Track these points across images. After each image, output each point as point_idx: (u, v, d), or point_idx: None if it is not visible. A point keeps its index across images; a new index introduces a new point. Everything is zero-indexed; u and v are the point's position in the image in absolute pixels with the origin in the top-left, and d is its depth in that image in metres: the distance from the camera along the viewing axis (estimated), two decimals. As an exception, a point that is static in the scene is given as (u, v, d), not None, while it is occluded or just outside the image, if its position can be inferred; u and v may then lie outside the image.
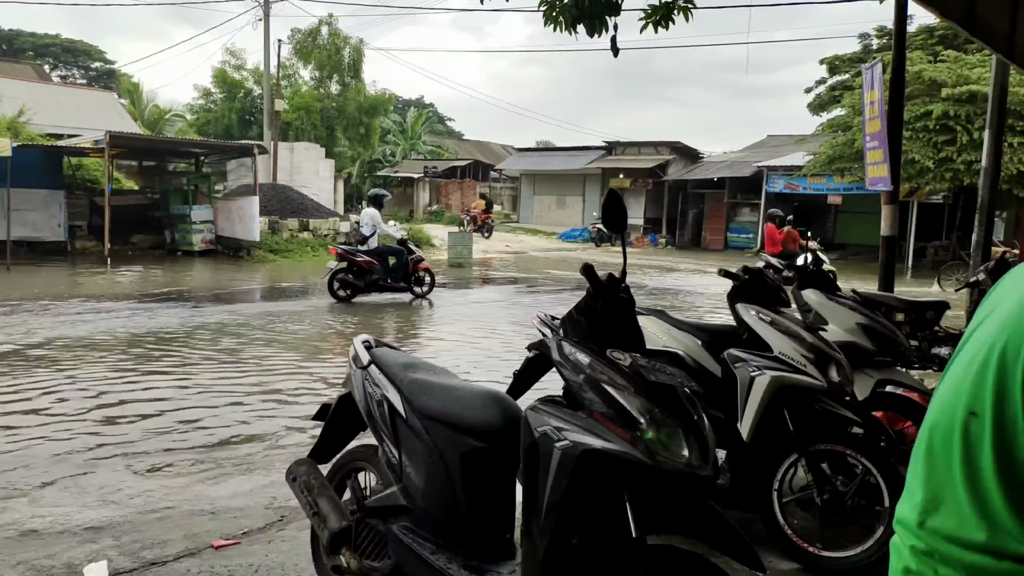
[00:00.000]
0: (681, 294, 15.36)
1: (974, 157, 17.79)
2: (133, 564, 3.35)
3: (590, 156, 35.00)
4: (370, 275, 11.99)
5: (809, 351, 3.33)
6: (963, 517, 0.90)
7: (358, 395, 2.79)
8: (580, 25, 5.17)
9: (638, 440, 1.89)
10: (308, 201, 23.51)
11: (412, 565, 2.46)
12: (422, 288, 12.80)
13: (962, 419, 0.92)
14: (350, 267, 12.03)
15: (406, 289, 12.49)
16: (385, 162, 41.91)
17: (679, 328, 3.83)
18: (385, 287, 12.25)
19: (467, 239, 20.67)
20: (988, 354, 0.91)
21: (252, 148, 20.16)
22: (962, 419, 0.92)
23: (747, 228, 29.43)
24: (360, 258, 12.01)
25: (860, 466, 3.29)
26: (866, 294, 5.13)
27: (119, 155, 21.06)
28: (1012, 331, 0.89)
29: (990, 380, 0.90)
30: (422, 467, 2.47)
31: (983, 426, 0.89)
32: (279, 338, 9.24)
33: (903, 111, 6.44)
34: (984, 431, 0.89)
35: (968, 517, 0.89)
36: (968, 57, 20.77)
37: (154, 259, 18.97)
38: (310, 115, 33.07)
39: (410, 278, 12.49)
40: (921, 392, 4.20)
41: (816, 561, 3.27)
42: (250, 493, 4.32)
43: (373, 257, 12.10)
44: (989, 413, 0.89)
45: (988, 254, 7.16)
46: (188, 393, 6.57)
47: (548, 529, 1.98)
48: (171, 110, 35.98)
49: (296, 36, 33.10)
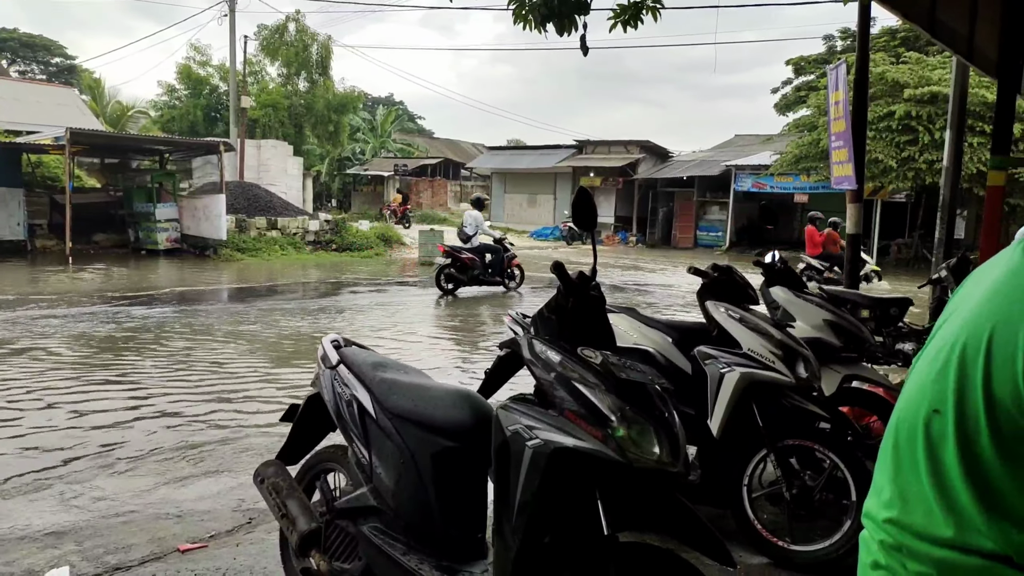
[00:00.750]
0: (651, 292, 15.47)
1: (935, 157, 18.18)
2: (96, 569, 3.27)
3: (561, 155, 35.09)
4: (472, 270, 13.38)
5: (777, 347, 3.36)
6: (930, 513, 0.91)
7: (327, 395, 2.76)
8: (550, 24, 5.16)
9: (609, 438, 1.89)
10: (276, 199, 23.22)
11: (382, 566, 2.43)
12: (513, 282, 14.25)
13: (925, 416, 0.93)
14: (454, 263, 13.39)
15: (500, 283, 13.93)
16: (355, 160, 41.59)
17: (650, 326, 3.85)
18: (484, 281, 13.63)
19: (438, 238, 20.57)
20: (949, 353, 0.92)
21: (218, 145, 19.86)
22: (925, 416, 0.93)
23: (716, 226, 29.75)
24: (464, 255, 13.40)
25: (828, 461, 3.34)
26: (832, 291, 5.21)
27: (80, 152, 20.60)
28: (972, 330, 0.90)
29: (951, 378, 0.91)
30: (392, 467, 2.45)
31: (946, 423, 0.90)
32: (245, 337, 9.11)
33: (867, 111, 6.54)
34: (947, 428, 0.90)
35: (935, 513, 0.90)
36: (929, 59, 21.22)
37: (117, 258, 18.59)
38: (277, 112, 32.65)
39: (504, 273, 13.94)
40: (886, 387, 4.28)
41: (786, 555, 3.31)
42: (217, 496, 4.25)
43: (475, 254, 13.48)
44: (951, 411, 0.90)
45: (950, 251, 7.30)
46: (152, 396, 6.45)
47: (520, 528, 1.97)
48: (134, 107, 35.20)
49: (263, 32, 32.63)
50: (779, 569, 3.29)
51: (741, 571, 3.22)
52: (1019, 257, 0.91)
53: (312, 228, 21.90)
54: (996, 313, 0.87)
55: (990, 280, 0.93)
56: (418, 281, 16.22)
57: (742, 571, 3.23)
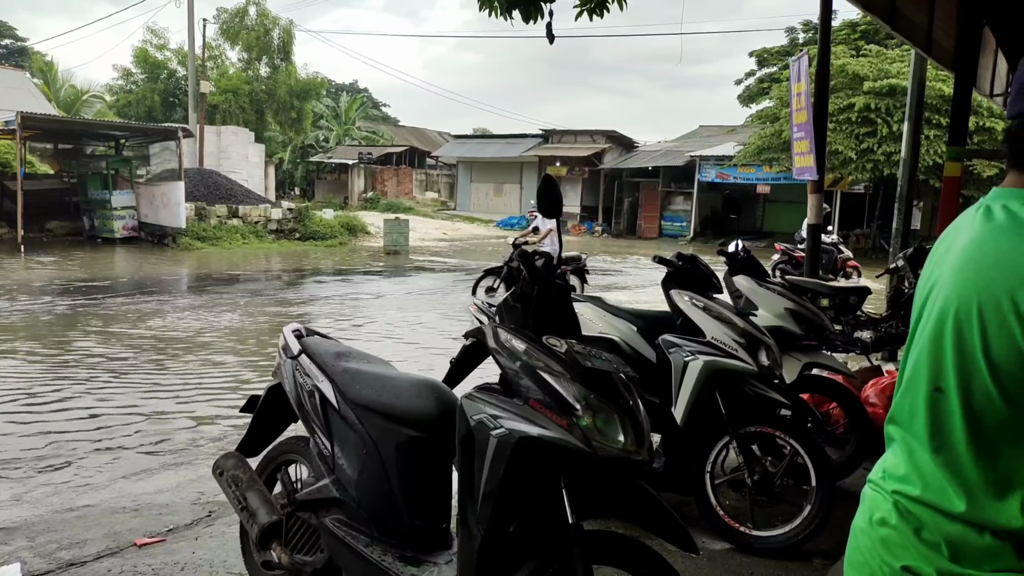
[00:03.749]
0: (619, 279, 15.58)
1: (894, 148, 18.56)
2: (49, 566, 3.18)
3: (527, 144, 35.03)
4: None
5: (740, 336, 3.39)
6: (943, 489, 0.90)
7: (288, 386, 2.71)
8: (516, 11, 5.11)
9: (574, 426, 1.88)
10: (237, 187, 22.79)
11: (345, 558, 2.40)
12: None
13: (926, 395, 0.93)
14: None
15: None
16: (318, 148, 41.00)
17: (615, 314, 3.86)
18: None
19: (403, 227, 20.44)
20: (941, 329, 0.91)
21: (176, 131, 19.43)
22: (926, 395, 0.93)
23: (680, 216, 30.02)
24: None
25: (788, 447, 3.38)
26: (793, 280, 5.28)
27: (32, 137, 19.98)
28: (958, 304, 0.89)
29: (949, 355, 0.90)
30: (355, 458, 2.41)
31: (951, 401, 0.90)
32: (204, 327, 8.94)
33: (828, 103, 6.62)
34: (952, 406, 0.89)
35: (948, 489, 0.90)
36: (889, 52, 21.62)
37: (72, 246, 18.11)
38: (238, 98, 32.01)
39: None
40: (845, 375, 4.35)
41: (747, 541, 3.35)
42: (176, 489, 4.16)
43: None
44: (954, 388, 0.89)
45: (907, 241, 7.46)
46: (107, 387, 6.30)
47: (484, 517, 1.96)
48: (89, 91, 34.21)
49: (222, 16, 31.91)
50: (741, 554, 3.33)
51: (704, 556, 3.25)
52: (980, 223, 0.91)
53: (275, 216, 21.56)
54: (975, 283, 0.87)
55: (959, 248, 0.93)
56: (384, 270, 16.09)
57: (704, 557, 3.26)
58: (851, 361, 6.08)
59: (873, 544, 0.98)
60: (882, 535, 0.97)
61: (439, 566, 2.26)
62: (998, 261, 0.86)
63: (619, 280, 15.70)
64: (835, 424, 4.52)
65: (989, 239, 0.88)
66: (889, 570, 0.95)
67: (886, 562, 0.95)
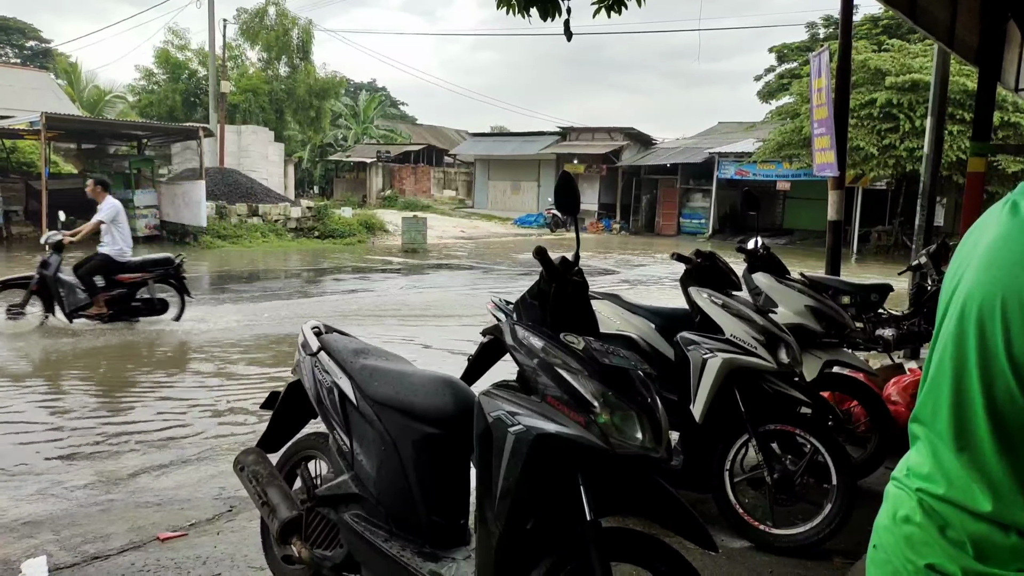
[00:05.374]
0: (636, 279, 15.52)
1: (916, 144, 18.32)
2: (74, 559, 3.23)
3: (544, 141, 34.97)
4: None
5: (760, 333, 3.37)
6: (969, 488, 0.89)
7: (307, 382, 2.73)
8: (533, 8, 5.11)
9: (592, 424, 1.88)
10: (257, 185, 22.98)
11: (364, 553, 2.41)
12: None
13: (950, 393, 0.92)
14: None
15: None
16: (337, 146, 41.21)
17: (632, 312, 3.85)
18: None
19: (421, 225, 20.49)
20: (964, 328, 0.90)
21: (197, 131, 19.58)
22: (950, 393, 0.92)
23: (699, 213, 29.83)
24: None
25: (809, 445, 3.36)
26: (814, 277, 5.23)
27: (56, 137, 20.25)
28: (982, 303, 0.88)
29: (972, 354, 0.89)
30: (374, 454, 2.43)
31: (974, 399, 0.89)
32: (225, 324, 9.03)
33: (849, 99, 6.55)
34: (975, 405, 0.89)
35: (974, 487, 0.89)
36: (911, 46, 21.35)
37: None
38: (258, 97, 32.25)
39: None
40: (867, 373, 4.31)
41: (767, 539, 3.33)
42: (197, 484, 4.21)
43: None
44: (977, 387, 0.88)
45: (930, 238, 7.36)
46: (130, 384, 6.38)
47: (502, 514, 1.96)
48: (111, 91, 34.60)
49: (242, 16, 32.13)
50: (760, 552, 3.31)
51: (723, 555, 3.24)
52: (1006, 219, 0.90)
53: (294, 215, 21.71)
54: (1000, 281, 0.86)
55: (985, 246, 0.91)
56: (401, 268, 16.15)
57: (724, 555, 3.25)
58: (873, 359, 6.02)
59: (897, 541, 0.97)
60: (906, 533, 0.96)
61: (457, 562, 2.27)
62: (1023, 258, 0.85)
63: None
64: (856, 422, 4.48)
65: (1015, 236, 0.87)
66: (913, 568, 0.94)
67: (910, 560, 0.94)
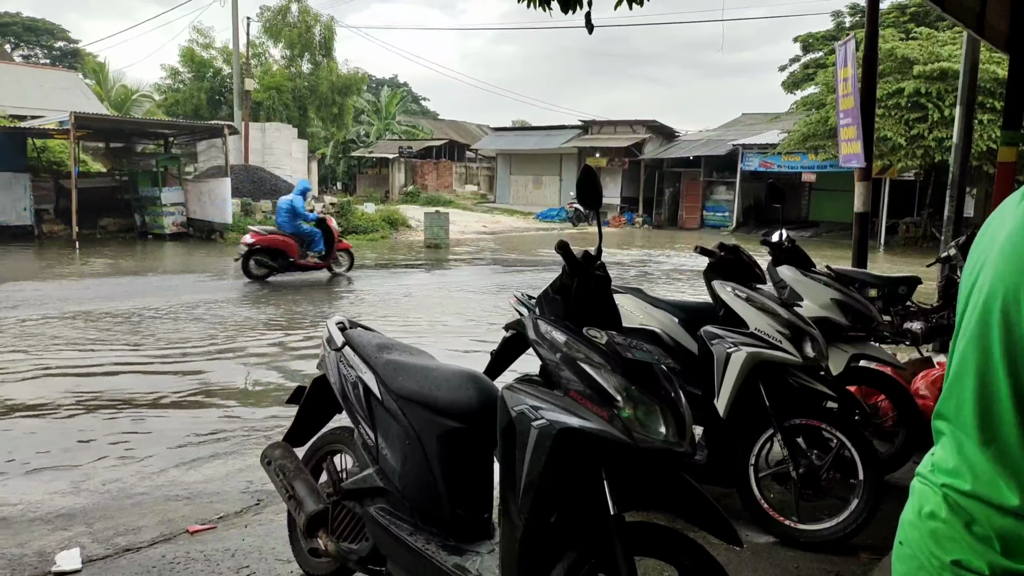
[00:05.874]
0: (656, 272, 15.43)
1: (945, 134, 17.99)
2: (106, 551, 3.30)
3: (566, 135, 34.87)
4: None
5: (784, 327, 3.34)
6: (994, 481, 0.89)
7: (332, 377, 2.76)
8: (554, 1, 5.09)
9: (615, 418, 1.88)
10: (281, 182, 23.18)
11: (389, 547, 2.44)
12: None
13: (974, 387, 0.91)
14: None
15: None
16: (359, 142, 41.43)
17: (655, 306, 3.83)
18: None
19: (443, 220, 20.55)
20: (987, 320, 0.89)
21: (222, 128, 19.82)
22: (974, 387, 0.91)
23: (723, 206, 29.59)
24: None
25: (835, 440, 3.32)
26: (840, 270, 5.16)
27: (85, 136, 20.59)
28: (1005, 294, 0.87)
29: (996, 346, 0.88)
30: (398, 449, 2.45)
31: (1000, 392, 0.88)
32: (252, 319, 9.14)
33: (876, 88, 6.45)
34: (1002, 397, 0.88)
35: (999, 481, 0.88)
36: (939, 34, 20.95)
37: (124, 243, 18.66)
38: (281, 95, 32.57)
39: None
40: (894, 367, 4.25)
41: (792, 534, 3.31)
42: (225, 478, 4.27)
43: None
44: (1004, 380, 0.87)
45: (959, 230, 7.24)
46: (159, 379, 6.48)
47: (526, 508, 1.97)
48: (138, 90, 35.11)
49: (265, 14, 32.48)
50: (785, 548, 3.29)
51: (747, 550, 3.22)
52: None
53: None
54: (1022, 272, 0.85)
55: (1003, 238, 0.90)
56: (425, 263, 16.21)
57: (748, 550, 3.23)
58: (901, 353, 5.94)
59: (922, 537, 0.96)
60: (931, 528, 0.95)
61: (481, 555, 2.28)
62: None
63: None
64: (884, 417, 4.42)
65: None
66: (939, 563, 0.93)
67: (935, 555, 0.94)
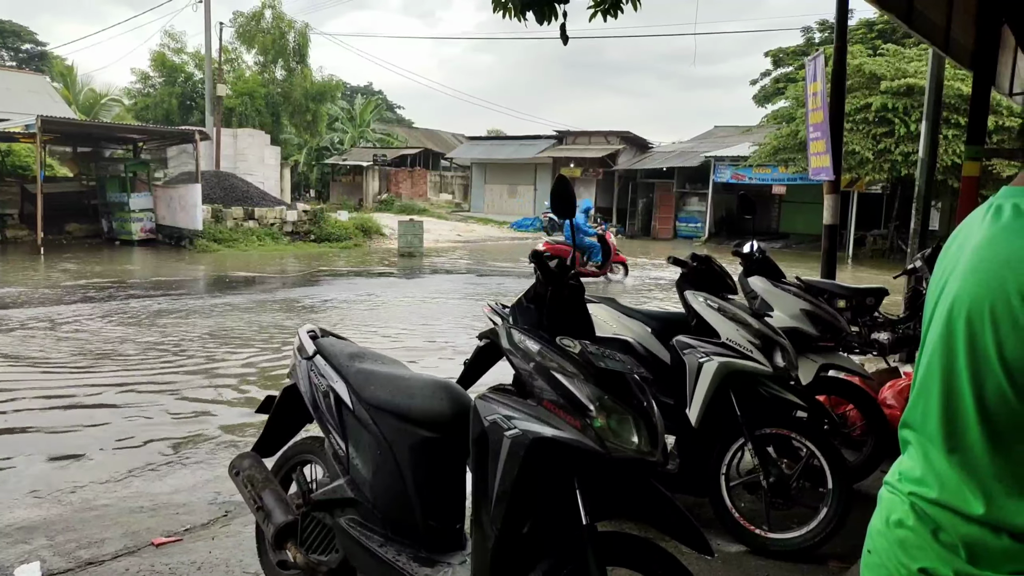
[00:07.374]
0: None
1: (911, 148, 18.38)
2: (68, 564, 3.22)
3: (541, 145, 35.01)
4: None
5: (755, 337, 3.37)
6: (960, 490, 0.90)
7: (303, 386, 2.72)
8: (530, 12, 5.11)
9: (588, 427, 1.88)
10: (253, 189, 22.95)
11: (360, 558, 2.41)
12: None
13: (940, 396, 0.92)
14: None
15: None
16: (333, 150, 41.20)
17: (628, 315, 3.84)
18: None
19: (418, 228, 20.48)
20: (952, 331, 0.90)
21: (193, 134, 19.59)
22: (940, 396, 0.92)
23: (695, 217, 29.88)
24: None
25: (804, 449, 3.36)
26: (809, 281, 5.23)
27: (52, 140, 20.25)
28: (970, 306, 0.88)
29: (962, 358, 0.89)
30: (370, 459, 2.42)
31: (965, 403, 0.89)
32: (220, 329, 9.01)
33: (844, 103, 6.57)
34: (967, 408, 0.89)
35: (965, 490, 0.89)
36: (906, 51, 21.42)
37: (91, 249, 18.31)
38: (254, 101, 32.27)
39: None
40: (862, 376, 4.31)
41: (763, 543, 3.33)
42: (192, 489, 4.20)
43: None
44: (968, 391, 0.88)
45: (925, 242, 7.38)
46: (124, 388, 6.36)
47: (498, 518, 1.96)
48: (107, 94, 34.60)
49: (238, 19, 32.16)
50: (756, 557, 3.31)
51: (718, 559, 3.24)
52: (990, 223, 0.90)
53: (290, 218, 21.68)
54: (987, 284, 0.87)
55: (970, 250, 0.92)
56: (398, 271, 16.14)
57: (719, 559, 3.25)
58: (868, 363, 6.03)
59: (890, 545, 0.97)
60: (899, 537, 0.96)
61: (453, 566, 2.26)
62: (1009, 260, 0.85)
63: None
64: (852, 426, 4.48)
65: (1000, 239, 0.88)
66: (906, 572, 0.94)
67: (903, 564, 0.95)
